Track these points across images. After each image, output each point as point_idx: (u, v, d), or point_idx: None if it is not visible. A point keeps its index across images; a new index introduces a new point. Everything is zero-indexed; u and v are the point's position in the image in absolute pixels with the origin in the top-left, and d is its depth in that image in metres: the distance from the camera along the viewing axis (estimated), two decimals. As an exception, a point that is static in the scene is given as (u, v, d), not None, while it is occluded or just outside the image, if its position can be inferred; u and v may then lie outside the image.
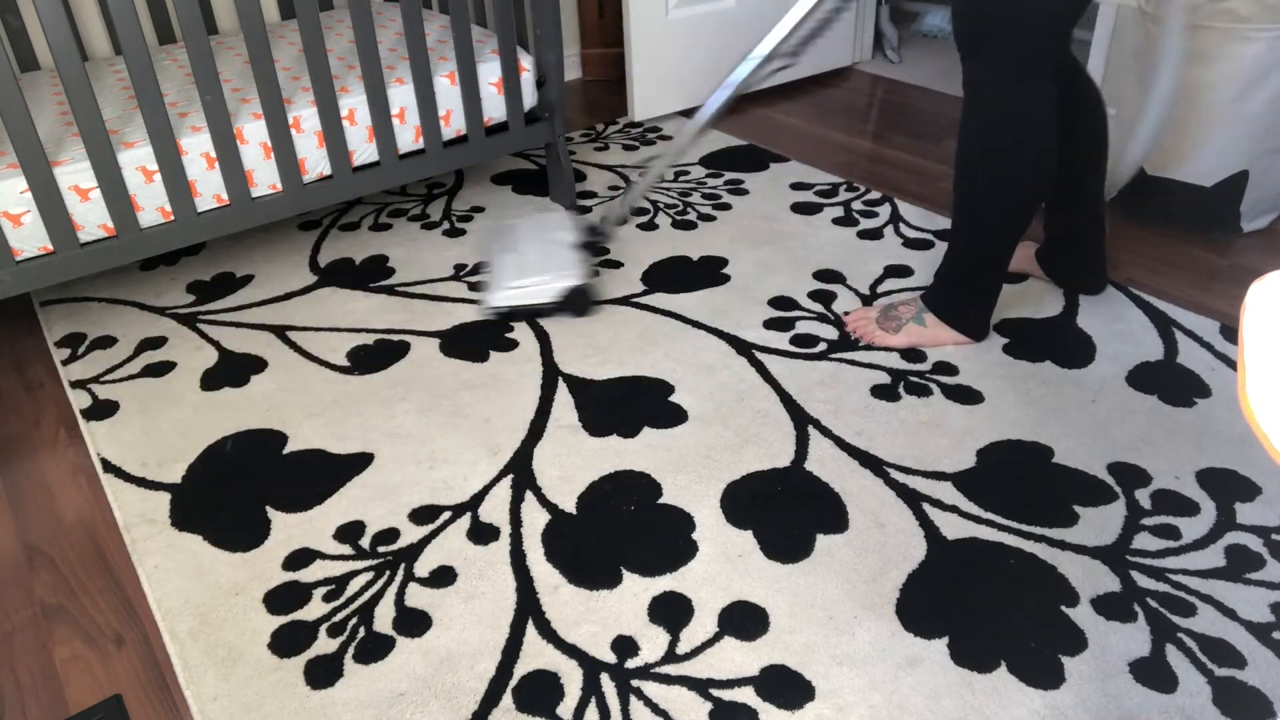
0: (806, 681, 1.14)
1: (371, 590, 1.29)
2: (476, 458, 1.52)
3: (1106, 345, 1.72)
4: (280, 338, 1.85)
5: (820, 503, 1.40)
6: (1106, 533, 1.33)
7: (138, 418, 1.65)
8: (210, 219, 1.86)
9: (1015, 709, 1.10)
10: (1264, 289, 0.58)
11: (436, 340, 1.82)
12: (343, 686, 1.16)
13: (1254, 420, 0.55)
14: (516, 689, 1.14)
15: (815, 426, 1.55)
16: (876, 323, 1.75)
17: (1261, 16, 1.89)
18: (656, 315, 1.87)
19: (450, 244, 2.17)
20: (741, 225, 2.19)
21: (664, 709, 1.11)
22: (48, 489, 1.53)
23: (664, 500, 1.42)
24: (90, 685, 1.20)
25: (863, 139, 2.65)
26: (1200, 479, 1.41)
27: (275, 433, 1.60)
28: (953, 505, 1.38)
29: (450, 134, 2.10)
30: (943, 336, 1.71)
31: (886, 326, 1.74)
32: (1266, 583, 1.24)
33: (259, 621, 1.25)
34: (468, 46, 2.00)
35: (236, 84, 2.04)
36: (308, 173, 1.94)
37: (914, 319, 1.72)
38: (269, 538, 1.38)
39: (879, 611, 1.22)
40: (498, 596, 1.27)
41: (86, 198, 1.72)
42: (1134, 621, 1.19)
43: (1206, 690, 1.11)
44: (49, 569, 1.38)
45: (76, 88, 1.61)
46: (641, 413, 1.60)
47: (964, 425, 1.54)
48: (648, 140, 2.67)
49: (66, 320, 1.95)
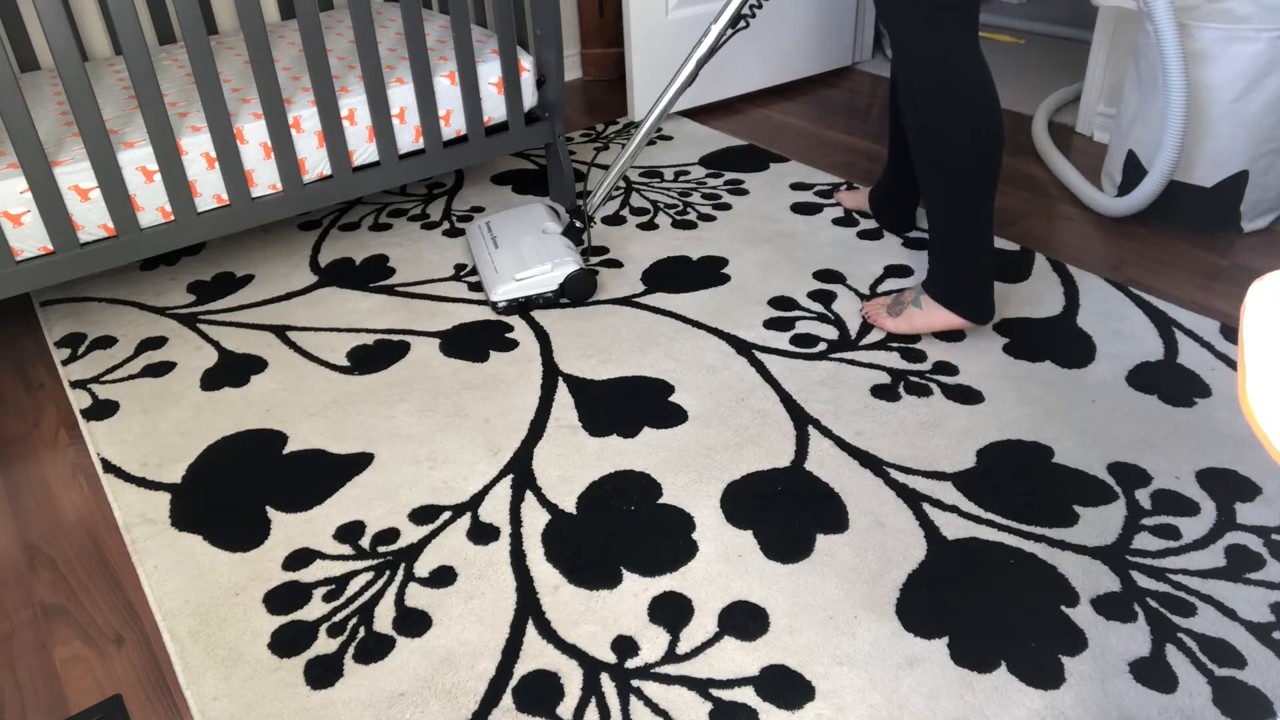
0: (806, 681, 1.14)
1: (371, 590, 1.29)
2: (476, 458, 1.52)
3: (1106, 345, 1.72)
4: (280, 338, 1.85)
5: (820, 503, 1.40)
6: (1106, 533, 1.33)
7: (138, 418, 1.65)
8: (210, 219, 1.86)
9: (1015, 709, 1.10)
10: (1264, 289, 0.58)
11: (436, 340, 1.82)
12: (343, 686, 1.16)
13: (1254, 420, 0.55)
14: (516, 689, 1.14)
15: (815, 426, 1.55)
16: (886, 308, 1.77)
17: (1261, 17, 1.89)
18: (656, 315, 1.87)
19: (450, 244, 2.17)
20: (741, 225, 2.19)
21: (664, 709, 1.11)
22: (48, 489, 1.53)
23: (664, 500, 1.42)
24: (90, 685, 1.20)
25: (863, 139, 2.65)
26: (1200, 479, 1.41)
27: (275, 433, 1.60)
28: (953, 505, 1.38)
29: (450, 134, 2.10)
30: (938, 319, 1.70)
31: (892, 311, 1.75)
32: (1266, 583, 1.24)
33: (259, 621, 1.25)
34: (468, 46, 2.00)
35: (236, 84, 2.04)
36: (308, 173, 1.94)
37: (913, 303, 1.72)
38: (269, 538, 1.38)
39: (879, 611, 1.22)
40: (498, 596, 1.27)
41: (86, 198, 1.72)
42: (1134, 621, 1.19)
43: (1206, 690, 1.11)
44: (49, 569, 1.38)
45: (76, 88, 1.61)
46: (641, 413, 1.60)
47: (964, 425, 1.54)
48: (648, 140, 2.67)
49: (66, 320, 1.95)
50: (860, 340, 1.76)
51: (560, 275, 1.87)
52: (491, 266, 1.92)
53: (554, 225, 2.01)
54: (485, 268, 1.94)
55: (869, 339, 1.77)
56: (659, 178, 2.45)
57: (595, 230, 2.19)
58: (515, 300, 1.88)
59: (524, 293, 1.87)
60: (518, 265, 1.89)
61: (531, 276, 1.87)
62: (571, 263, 1.88)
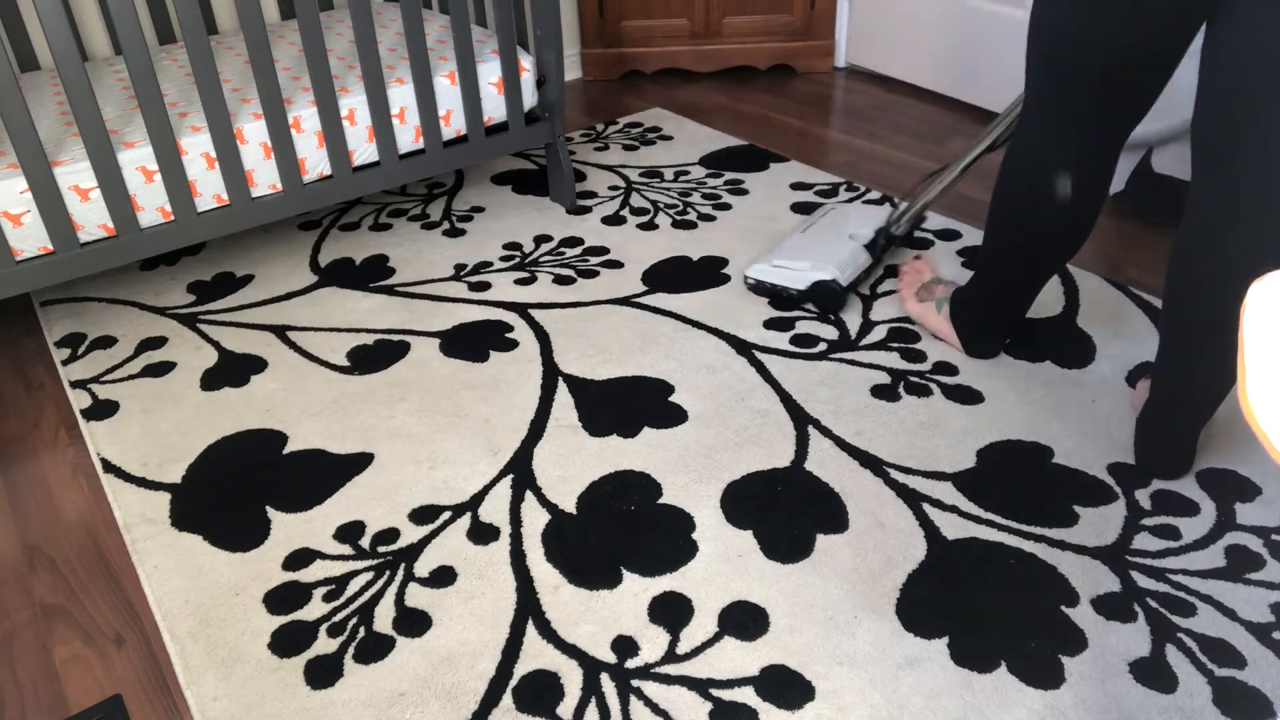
0: (806, 681, 1.14)
1: (371, 590, 1.29)
2: (476, 458, 1.52)
3: (1106, 345, 1.72)
4: (280, 338, 1.85)
5: (820, 503, 1.40)
6: (1106, 533, 1.33)
7: (138, 418, 1.65)
8: (210, 219, 1.86)
9: (1015, 709, 1.10)
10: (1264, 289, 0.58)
11: (436, 340, 1.82)
12: (343, 686, 1.16)
13: (1254, 420, 0.55)
14: (516, 689, 1.14)
15: (815, 426, 1.55)
16: (920, 285, 1.79)
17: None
18: (656, 315, 1.87)
19: (450, 244, 2.17)
20: (741, 225, 2.19)
21: (664, 709, 1.11)
22: (48, 489, 1.53)
23: (664, 500, 1.42)
24: (90, 685, 1.20)
25: (863, 139, 2.65)
26: (1200, 479, 1.41)
27: (275, 433, 1.60)
28: (953, 505, 1.38)
29: (450, 134, 2.10)
30: (944, 332, 1.72)
31: (920, 293, 1.77)
32: (1266, 583, 1.24)
33: (259, 621, 1.25)
34: (468, 46, 2.00)
35: (236, 84, 2.04)
36: (308, 173, 1.94)
37: (937, 302, 1.73)
38: (269, 538, 1.38)
39: (879, 611, 1.22)
40: (498, 596, 1.27)
41: (86, 198, 1.72)
42: (1134, 621, 1.19)
43: (1206, 690, 1.11)
44: (49, 569, 1.38)
45: (76, 88, 1.61)
46: (641, 413, 1.60)
47: (964, 425, 1.54)
48: (648, 140, 2.67)
49: (66, 320, 1.95)
50: (860, 340, 1.76)
51: (810, 279, 1.85)
52: (780, 243, 1.96)
53: (865, 232, 1.97)
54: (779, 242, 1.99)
55: (869, 339, 1.77)
56: (659, 178, 2.45)
57: (595, 230, 2.19)
58: (765, 284, 1.90)
59: (772, 280, 1.89)
60: (789, 254, 1.90)
61: (786, 269, 1.88)
62: (832, 271, 1.84)
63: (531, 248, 2.14)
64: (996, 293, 1.60)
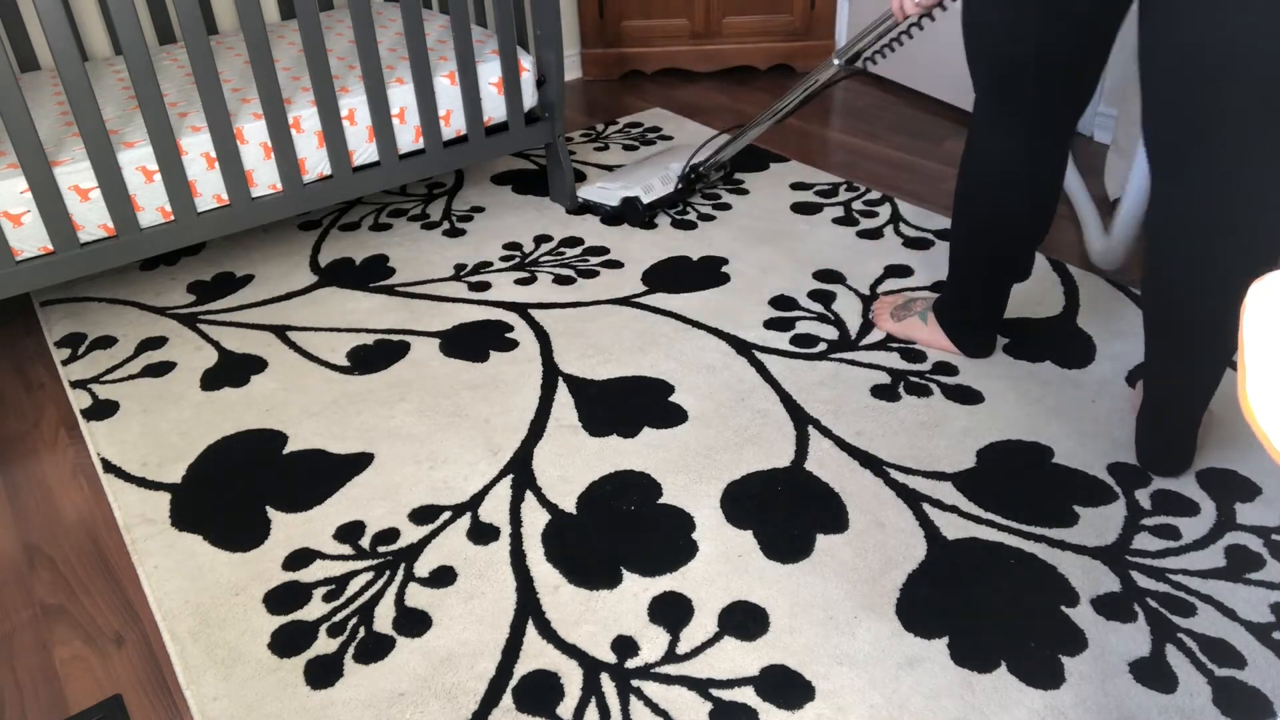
0: (806, 681, 1.14)
1: (371, 590, 1.29)
2: (476, 458, 1.52)
3: (1106, 345, 1.72)
4: (280, 338, 1.85)
5: (820, 503, 1.40)
6: (1106, 533, 1.33)
7: (138, 418, 1.65)
8: (210, 219, 1.86)
9: (1015, 709, 1.10)
10: (1264, 289, 0.58)
11: (436, 340, 1.82)
12: (343, 686, 1.16)
13: (1254, 420, 0.55)
14: (516, 689, 1.14)
15: (815, 426, 1.55)
16: (892, 309, 1.77)
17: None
18: (656, 315, 1.87)
19: (450, 244, 2.17)
20: (741, 225, 2.19)
21: (664, 709, 1.11)
22: (48, 489, 1.53)
23: (664, 500, 1.42)
24: (90, 685, 1.20)
25: (863, 139, 2.65)
26: (1200, 479, 1.41)
27: (275, 433, 1.60)
28: (953, 505, 1.38)
29: (450, 134, 2.10)
30: (935, 340, 1.71)
31: (896, 314, 1.76)
32: (1266, 583, 1.24)
33: (259, 621, 1.25)
34: (468, 46, 2.00)
35: (236, 84, 2.04)
36: (308, 173, 1.94)
37: (919, 315, 1.72)
38: (269, 538, 1.38)
39: (879, 611, 1.22)
40: (498, 596, 1.27)
41: (86, 198, 1.72)
42: (1134, 621, 1.19)
43: (1206, 690, 1.11)
44: (49, 569, 1.38)
45: (76, 88, 1.61)
46: (641, 413, 1.60)
47: (964, 425, 1.54)
48: (648, 140, 2.67)
49: (66, 320, 1.95)
50: (860, 340, 1.76)
51: (619, 195, 2.18)
52: (613, 172, 2.30)
53: (679, 167, 2.27)
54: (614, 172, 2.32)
55: (869, 339, 1.77)
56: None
57: (595, 230, 2.19)
58: (590, 202, 2.26)
59: (594, 198, 2.24)
60: (612, 178, 2.25)
61: (605, 188, 2.21)
62: (637, 190, 2.16)
63: (531, 248, 2.14)
64: (973, 288, 1.61)
